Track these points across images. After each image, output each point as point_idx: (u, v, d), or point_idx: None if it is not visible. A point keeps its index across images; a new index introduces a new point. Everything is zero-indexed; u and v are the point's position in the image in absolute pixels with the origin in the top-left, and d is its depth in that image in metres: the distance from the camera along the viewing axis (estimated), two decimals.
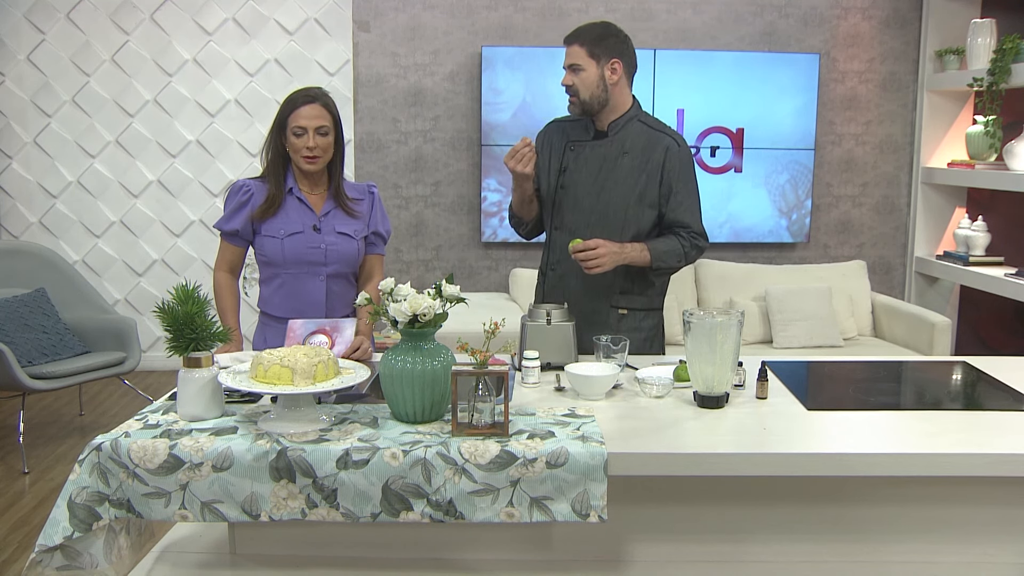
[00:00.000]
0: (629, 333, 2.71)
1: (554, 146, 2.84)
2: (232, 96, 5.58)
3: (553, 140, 2.86)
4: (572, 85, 2.71)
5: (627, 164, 2.73)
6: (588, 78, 2.69)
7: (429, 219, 5.68)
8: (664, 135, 2.75)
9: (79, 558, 1.87)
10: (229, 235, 2.70)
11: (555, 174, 2.81)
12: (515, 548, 2.13)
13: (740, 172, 5.61)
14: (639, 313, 2.81)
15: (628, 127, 2.75)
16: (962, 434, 2.04)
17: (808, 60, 5.54)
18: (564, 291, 2.79)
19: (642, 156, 2.72)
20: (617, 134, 2.75)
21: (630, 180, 2.72)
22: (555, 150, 2.83)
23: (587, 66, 2.68)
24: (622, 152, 2.73)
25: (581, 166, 2.77)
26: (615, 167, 2.73)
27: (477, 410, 1.96)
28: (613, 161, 2.73)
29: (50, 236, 5.62)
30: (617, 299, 2.78)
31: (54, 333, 4.44)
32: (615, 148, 2.74)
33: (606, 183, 2.73)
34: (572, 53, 2.71)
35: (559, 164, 2.81)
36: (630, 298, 2.79)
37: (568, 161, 2.79)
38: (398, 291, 2.04)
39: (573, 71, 2.70)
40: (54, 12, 5.44)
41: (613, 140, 2.75)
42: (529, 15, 5.50)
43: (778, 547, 2.11)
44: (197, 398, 2.03)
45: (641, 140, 2.74)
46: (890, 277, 5.92)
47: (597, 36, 2.70)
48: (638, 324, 2.81)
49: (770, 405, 2.24)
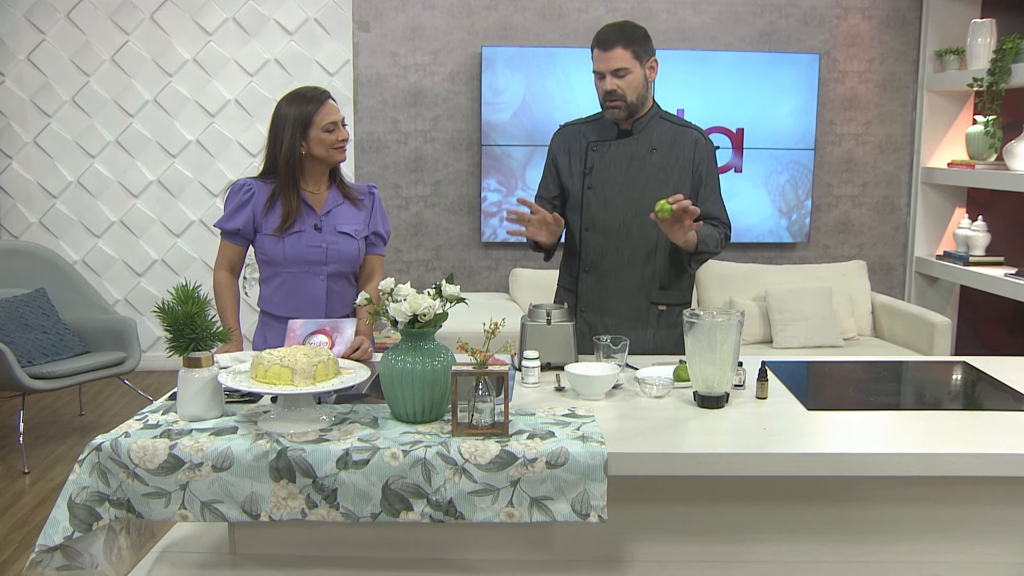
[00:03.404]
0: (668, 329, 2.72)
1: (572, 148, 2.80)
2: (232, 96, 5.59)
3: (571, 143, 2.81)
4: (617, 90, 2.64)
5: (657, 161, 2.72)
6: (635, 80, 2.65)
7: (429, 219, 5.68)
8: (690, 129, 2.76)
9: (79, 558, 1.87)
10: (229, 234, 2.70)
11: (580, 176, 2.78)
12: (515, 548, 2.13)
13: (740, 172, 5.61)
14: (676, 308, 2.79)
15: (652, 124, 2.74)
16: (962, 434, 2.04)
17: (808, 60, 5.54)
18: (603, 293, 2.76)
19: (671, 152, 2.72)
20: (643, 132, 2.73)
21: (662, 176, 2.71)
22: (575, 152, 2.79)
23: (633, 68, 2.64)
24: (650, 149, 2.72)
25: (608, 165, 2.74)
26: (645, 164, 2.72)
27: (477, 410, 1.96)
28: (642, 159, 2.72)
29: (50, 236, 5.62)
30: (657, 295, 2.77)
31: (54, 333, 4.44)
32: (643, 146, 2.73)
33: (637, 180, 2.72)
34: (617, 57, 2.62)
35: (582, 166, 2.77)
36: (668, 293, 2.78)
37: (593, 161, 2.76)
38: (398, 291, 2.04)
39: (619, 75, 2.63)
40: (54, 12, 5.44)
41: (639, 138, 2.73)
42: (529, 15, 5.50)
43: (778, 547, 2.11)
44: (197, 398, 2.03)
45: (668, 136, 2.73)
46: (890, 277, 5.92)
47: (640, 36, 2.65)
48: (675, 320, 2.79)
49: (770, 405, 2.24)
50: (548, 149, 2.89)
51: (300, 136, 2.61)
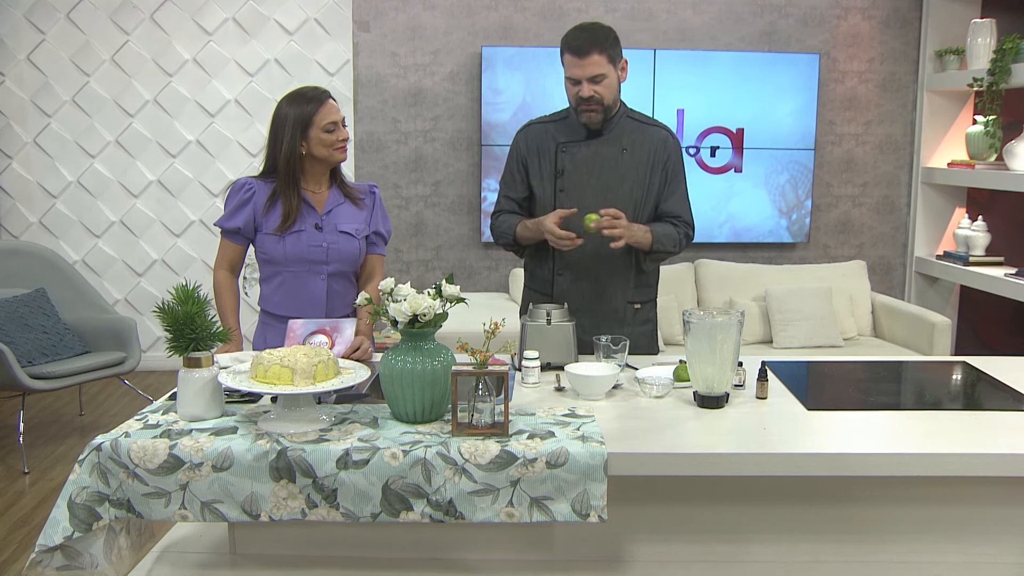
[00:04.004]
0: (642, 326, 2.75)
1: (542, 149, 2.77)
2: (232, 96, 5.58)
3: (540, 143, 2.78)
4: (595, 95, 2.62)
5: (629, 161, 2.73)
6: (611, 84, 2.65)
7: (429, 219, 5.68)
8: (658, 128, 2.78)
9: (79, 558, 1.87)
10: (230, 233, 2.70)
11: (550, 178, 2.76)
12: (515, 548, 2.13)
13: (740, 172, 5.61)
14: (647, 305, 2.84)
15: (622, 124, 2.75)
16: (962, 434, 2.04)
17: (808, 60, 5.54)
18: (580, 294, 2.76)
19: (642, 151, 2.73)
20: (613, 132, 2.73)
21: (634, 176, 2.72)
22: (544, 153, 2.77)
23: (609, 72, 2.63)
24: (621, 150, 2.73)
25: (580, 167, 2.74)
26: (617, 165, 2.72)
27: (477, 410, 1.96)
28: (614, 159, 2.73)
29: (50, 236, 5.62)
30: (632, 294, 2.78)
31: (54, 333, 4.44)
32: (613, 146, 2.73)
33: (610, 181, 2.72)
34: (595, 63, 2.60)
35: (552, 168, 2.76)
36: (640, 291, 2.80)
37: (564, 163, 2.75)
38: (398, 291, 2.04)
39: (596, 81, 2.61)
40: (54, 12, 5.44)
41: (610, 138, 2.73)
42: (529, 15, 5.50)
43: (778, 547, 2.12)
44: (197, 398, 2.03)
45: (638, 136, 2.74)
46: (890, 277, 5.92)
47: (612, 39, 2.64)
48: (647, 316, 2.84)
49: (770, 405, 2.24)
50: (513, 148, 2.84)
51: (300, 136, 2.61)
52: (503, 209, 2.85)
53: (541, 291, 2.84)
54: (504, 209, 2.85)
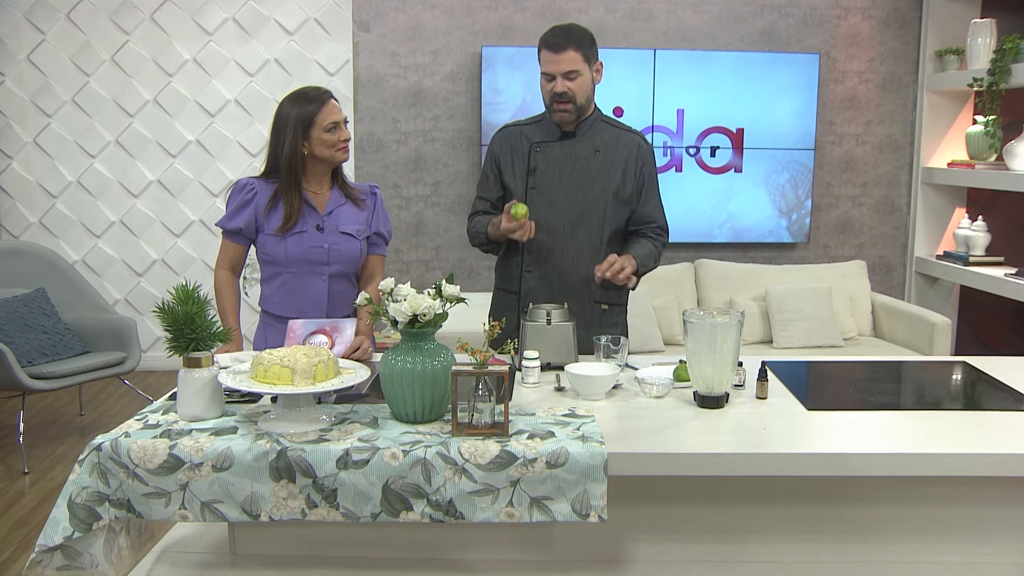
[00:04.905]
0: (609, 328, 2.76)
1: (515, 149, 2.82)
2: (232, 96, 5.59)
3: (514, 144, 2.83)
4: (567, 91, 2.67)
5: (600, 162, 2.76)
6: (585, 82, 2.69)
7: (429, 219, 5.68)
8: (632, 134, 2.82)
9: (79, 558, 1.87)
10: (231, 233, 2.70)
11: (523, 176, 2.80)
12: (515, 548, 2.13)
13: (740, 172, 5.61)
14: (616, 308, 2.86)
15: (596, 127, 2.79)
16: (962, 434, 2.04)
17: (808, 60, 5.54)
18: (547, 292, 2.77)
19: (614, 154, 2.77)
20: (586, 134, 2.77)
21: (605, 176, 2.75)
22: (517, 153, 2.81)
23: (583, 71, 2.68)
24: (594, 151, 2.76)
25: (552, 166, 2.77)
26: (589, 165, 2.76)
27: (477, 410, 1.96)
28: (586, 160, 2.76)
29: (50, 236, 5.62)
30: (600, 294, 2.80)
31: (54, 333, 4.44)
32: (586, 147, 2.76)
33: (581, 181, 2.75)
34: (569, 59, 2.66)
35: (525, 166, 2.79)
36: (608, 293, 2.81)
37: (536, 162, 2.78)
38: (398, 291, 2.04)
39: (569, 78, 2.66)
40: (54, 12, 5.44)
41: (583, 140, 2.77)
42: (529, 15, 5.50)
43: (778, 547, 2.12)
44: (197, 398, 2.03)
45: (611, 139, 2.78)
46: (890, 277, 5.92)
47: (588, 39, 2.71)
48: (615, 319, 2.86)
49: (770, 405, 2.24)
50: (488, 151, 2.90)
51: (302, 136, 2.61)
52: (477, 210, 2.90)
53: (509, 290, 2.85)
54: (479, 210, 2.89)
